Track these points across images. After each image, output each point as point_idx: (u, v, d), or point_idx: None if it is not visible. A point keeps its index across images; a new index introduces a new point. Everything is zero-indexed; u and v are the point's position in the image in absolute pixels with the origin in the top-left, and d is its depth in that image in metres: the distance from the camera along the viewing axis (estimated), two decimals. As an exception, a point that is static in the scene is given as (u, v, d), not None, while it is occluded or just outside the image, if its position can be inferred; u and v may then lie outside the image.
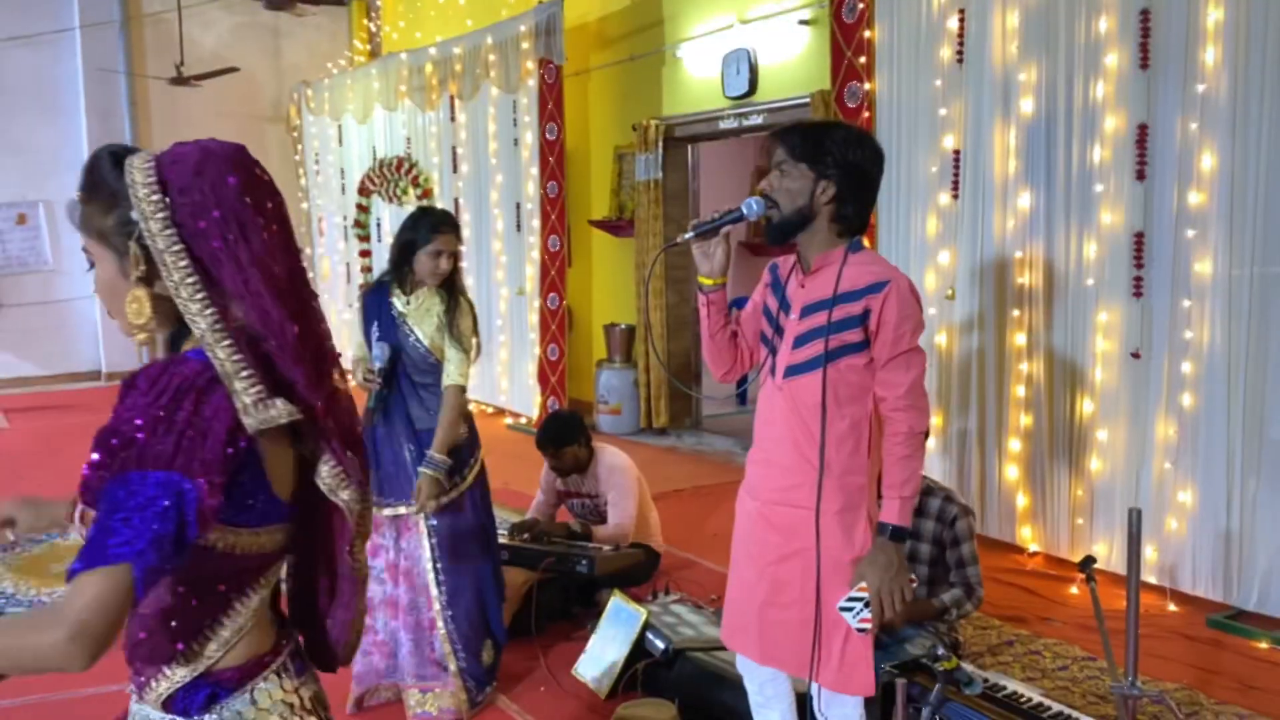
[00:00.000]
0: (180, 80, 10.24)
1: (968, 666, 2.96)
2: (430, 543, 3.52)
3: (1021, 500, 5.16)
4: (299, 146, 12.55)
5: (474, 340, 3.57)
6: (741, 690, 2.89)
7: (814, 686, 2.52)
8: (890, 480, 2.43)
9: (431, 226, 3.51)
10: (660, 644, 3.61)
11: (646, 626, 3.71)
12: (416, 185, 10.10)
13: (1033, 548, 5.13)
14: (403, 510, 3.53)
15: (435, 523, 3.51)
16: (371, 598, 3.61)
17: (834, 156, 2.39)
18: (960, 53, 5.25)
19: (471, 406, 3.75)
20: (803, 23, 6.77)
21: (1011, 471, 5.19)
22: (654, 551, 4.77)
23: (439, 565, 3.51)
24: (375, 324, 3.59)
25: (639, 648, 3.69)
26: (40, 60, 11.31)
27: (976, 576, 3.57)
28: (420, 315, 3.55)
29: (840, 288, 2.43)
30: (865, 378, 2.46)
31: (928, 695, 2.95)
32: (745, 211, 2.40)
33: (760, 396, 2.63)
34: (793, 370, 2.49)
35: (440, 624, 3.53)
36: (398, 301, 3.57)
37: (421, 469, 3.45)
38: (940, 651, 2.79)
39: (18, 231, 11.44)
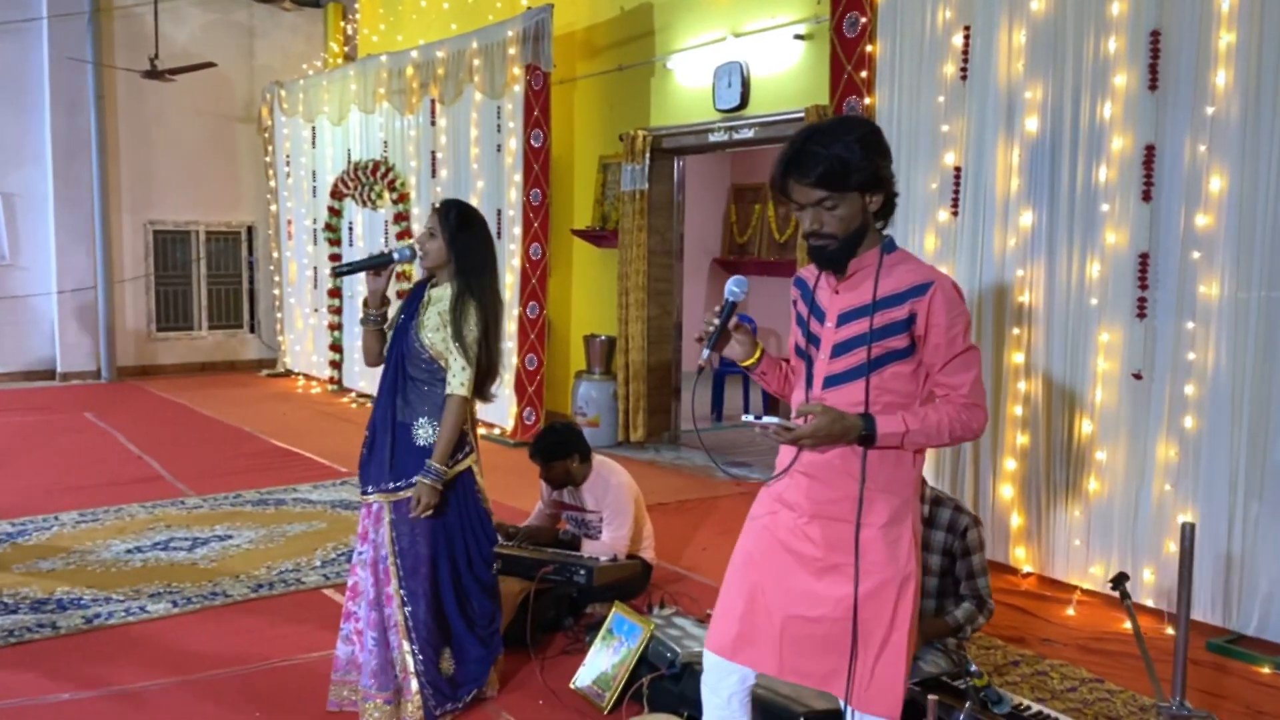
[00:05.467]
0: (155, 74, 10.01)
1: (996, 687, 2.88)
2: (391, 535, 3.37)
3: (1016, 520, 5.11)
4: (270, 148, 12.33)
5: (477, 350, 3.37)
6: (757, 708, 2.78)
7: (847, 706, 2.42)
8: (919, 413, 2.31)
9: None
10: (668, 656, 3.49)
11: (651, 639, 3.60)
12: (392, 189, 9.94)
13: (1026, 569, 5.08)
14: (372, 498, 3.41)
15: (394, 516, 3.38)
16: (357, 583, 3.48)
17: (868, 170, 2.30)
18: (964, 69, 5.23)
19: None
20: (798, 37, 6.75)
21: (1006, 491, 5.14)
22: (648, 564, 4.66)
23: (399, 560, 3.37)
24: (404, 315, 3.51)
25: (642, 661, 3.57)
26: (5, 49, 11.01)
27: (986, 588, 3.50)
28: (426, 306, 3.45)
29: (880, 292, 2.34)
30: (911, 385, 2.37)
31: (954, 714, 2.87)
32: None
33: (796, 407, 2.50)
34: (833, 380, 2.39)
35: (400, 618, 3.37)
36: (429, 292, 3.50)
37: (419, 478, 3.33)
38: (973, 669, 2.72)
39: (-26, 224, 11.09)
